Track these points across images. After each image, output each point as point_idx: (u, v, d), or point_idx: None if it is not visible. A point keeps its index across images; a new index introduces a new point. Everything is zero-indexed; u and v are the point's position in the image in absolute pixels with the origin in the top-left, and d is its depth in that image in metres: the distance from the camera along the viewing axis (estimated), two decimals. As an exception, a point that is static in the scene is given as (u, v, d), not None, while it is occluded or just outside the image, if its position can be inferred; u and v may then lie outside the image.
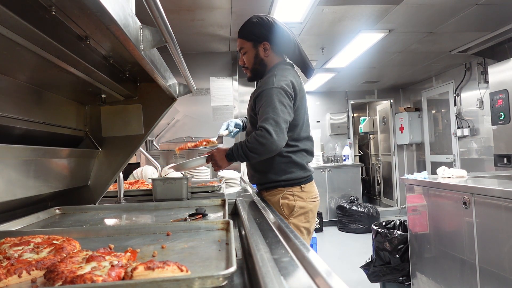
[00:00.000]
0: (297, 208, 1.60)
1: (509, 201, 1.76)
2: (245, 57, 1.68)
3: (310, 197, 1.66)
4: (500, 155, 3.53)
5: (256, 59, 1.65)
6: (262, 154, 1.49)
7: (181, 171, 1.82)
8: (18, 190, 1.06)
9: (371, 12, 3.02)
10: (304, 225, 1.63)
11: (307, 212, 1.63)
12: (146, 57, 0.99)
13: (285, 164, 1.61)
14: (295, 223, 1.61)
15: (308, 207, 1.63)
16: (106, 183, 1.55)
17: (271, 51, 1.65)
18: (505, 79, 3.48)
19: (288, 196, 1.61)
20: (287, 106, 1.51)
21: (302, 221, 1.62)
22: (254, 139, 1.47)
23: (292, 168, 1.62)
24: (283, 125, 1.48)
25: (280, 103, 1.49)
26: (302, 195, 1.63)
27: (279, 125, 1.47)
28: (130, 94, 1.52)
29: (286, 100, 1.52)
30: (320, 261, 0.61)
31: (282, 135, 1.48)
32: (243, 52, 1.68)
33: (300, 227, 1.62)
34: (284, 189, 1.62)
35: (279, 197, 1.62)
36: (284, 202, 1.61)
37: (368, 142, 8.39)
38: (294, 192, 1.62)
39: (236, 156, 1.54)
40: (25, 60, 0.94)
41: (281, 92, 1.51)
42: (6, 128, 1.02)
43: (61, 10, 0.75)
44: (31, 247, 0.72)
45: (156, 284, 0.49)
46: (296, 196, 1.62)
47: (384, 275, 2.80)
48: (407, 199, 2.75)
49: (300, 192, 1.63)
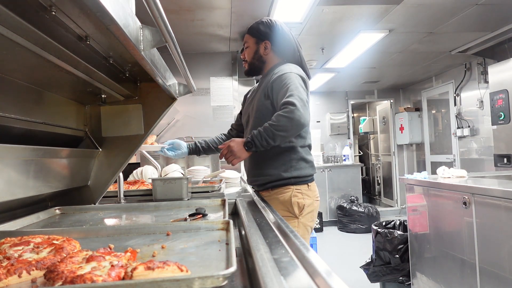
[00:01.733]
0: (306, 207, 1.61)
1: (509, 201, 1.76)
2: (247, 51, 1.79)
3: (315, 196, 1.68)
4: (500, 155, 3.53)
5: (255, 54, 1.76)
6: (291, 130, 1.44)
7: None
8: (18, 190, 1.06)
9: (371, 12, 3.02)
10: (310, 224, 1.65)
11: (313, 211, 1.65)
12: (146, 57, 0.99)
13: (296, 161, 1.62)
14: (304, 222, 1.61)
15: (314, 205, 1.66)
16: (106, 183, 1.55)
17: (271, 50, 1.74)
18: (505, 79, 3.48)
19: (298, 194, 1.61)
20: (305, 91, 1.55)
21: (309, 220, 1.63)
22: (280, 116, 1.43)
23: (302, 164, 1.63)
24: (306, 103, 1.47)
25: (301, 86, 1.53)
26: (309, 194, 1.64)
27: (303, 101, 1.45)
28: (130, 94, 1.52)
29: (304, 86, 1.56)
30: (320, 261, 0.61)
31: (307, 111, 1.46)
32: (245, 46, 1.79)
33: (307, 226, 1.64)
34: (293, 187, 1.62)
35: (289, 195, 1.61)
36: (295, 201, 1.60)
37: (368, 142, 8.39)
38: (302, 191, 1.62)
39: (259, 142, 1.46)
40: (25, 60, 0.94)
41: (299, 78, 1.57)
42: (6, 128, 1.02)
43: (61, 10, 0.75)
44: (31, 247, 0.72)
45: (156, 284, 0.49)
46: (305, 195, 1.62)
47: (384, 275, 2.80)
48: (407, 199, 2.75)
49: (307, 190, 1.64)
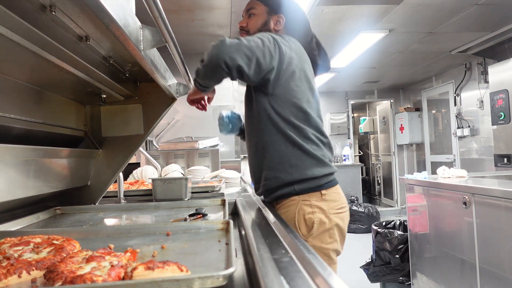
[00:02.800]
0: (317, 224, 1.21)
1: (509, 201, 1.76)
2: (251, 20, 1.41)
3: (334, 208, 1.25)
4: (500, 155, 3.53)
5: (264, 27, 1.39)
6: (207, 67, 1.15)
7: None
8: (18, 190, 1.06)
9: (371, 12, 3.02)
10: (329, 246, 1.23)
11: (331, 229, 1.23)
12: (146, 57, 0.99)
13: (296, 157, 1.24)
14: (316, 245, 1.20)
15: (333, 221, 1.23)
16: (106, 183, 1.55)
17: (283, 27, 1.40)
18: (505, 79, 3.48)
19: (305, 208, 1.23)
20: (266, 45, 1.18)
21: (325, 241, 1.22)
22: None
23: (306, 161, 1.24)
24: (246, 48, 1.13)
25: (264, 39, 1.19)
26: (323, 206, 1.23)
27: (241, 42, 1.13)
28: (130, 94, 1.52)
29: (271, 44, 1.19)
30: (320, 261, 0.61)
31: (243, 52, 1.12)
32: (250, 13, 1.41)
33: (325, 250, 1.22)
34: (298, 198, 1.24)
35: (294, 211, 1.23)
36: (301, 217, 1.22)
37: (368, 142, 8.39)
38: (312, 201, 1.23)
39: (197, 76, 1.23)
40: (25, 60, 0.94)
41: (269, 36, 1.22)
42: (6, 128, 1.02)
43: (61, 10, 0.75)
44: (31, 247, 0.72)
45: (156, 284, 0.49)
46: (316, 207, 1.22)
47: (384, 275, 2.80)
48: (407, 199, 2.75)
49: (320, 201, 1.24)
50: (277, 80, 1.23)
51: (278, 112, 1.26)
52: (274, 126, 1.26)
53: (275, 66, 1.21)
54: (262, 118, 1.28)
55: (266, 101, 1.27)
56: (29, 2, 0.70)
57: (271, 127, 1.26)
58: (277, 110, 1.26)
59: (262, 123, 1.28)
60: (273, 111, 1.26)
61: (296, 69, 1.27)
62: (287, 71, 1.24)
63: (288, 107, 1.25)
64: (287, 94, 1.25)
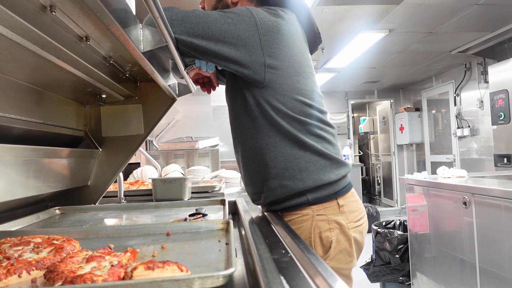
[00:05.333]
0: (335, 243, 1.01)
1: (509, 201, 1.76)
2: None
3: (353, 221, 1.05)
4: (500, 155, 3.53)
5: (218, 2, 1.12)
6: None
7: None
8: (18, 190, 1.06)
9: (371, 12, 3.02)
10: (349, 265, 1.06)
11: (350, 246, 1.04)
12: (146, 57, 0.99)
13: (306, 160, 1.01)
14: (335, 266, 1.01)
15: (351, 237, 1.04)
16: (106, 183, 1.55)
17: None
18: (505, 79, 3.48)
19: (320, 224, 1.01)
20: (228, 18, 0.96)
21: (343, 262, 1.04)
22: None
23: (319, 162, 1.02)
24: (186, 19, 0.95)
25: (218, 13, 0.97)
26: (340, 219, 1.02)
27: (190, 13, 0.95)
28: (130, 94, 1.52)
29: (231, 14, 0.97)
30: (320, 261, 0.61)
31: (189, 24, 0.94)
32: None
33: (344, 271, 1.05)
34: (312, 213, 1.02)
35: (308, 229, 1.01)
36: (316, 235, 1.01)
37: (368, 142, 8.39)
38: (328, 214, 1.02)
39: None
40: (25, 60, 0.94)
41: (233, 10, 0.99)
42: (6, 128, 1.02)
43: (61, 10, 0.75)
44: (31, 247, 0.72)
45: (156, 284, 0.49)
46: (332, 222, 1.01)
47: (384, 275, 2.80)
48: (407, 199, 2.75)
49: (337, 213, 1.02)
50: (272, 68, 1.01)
51: (276, 107, 1.02)
52: (273, 125, 1.03)
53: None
54: (256, 116, 1.04)
55: (259, 95, 1.02)
56: (29, 2, 0.70)
57: (270, 126, 1.03)
58: (274, 104, 1.02)
59: (257, 122, 1.04)
60: (269, 106, 1.02)
61: (288, 40, 1.04)
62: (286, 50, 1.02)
63: (288, 100, 1.02)
64: (285, 85, 1.02)
